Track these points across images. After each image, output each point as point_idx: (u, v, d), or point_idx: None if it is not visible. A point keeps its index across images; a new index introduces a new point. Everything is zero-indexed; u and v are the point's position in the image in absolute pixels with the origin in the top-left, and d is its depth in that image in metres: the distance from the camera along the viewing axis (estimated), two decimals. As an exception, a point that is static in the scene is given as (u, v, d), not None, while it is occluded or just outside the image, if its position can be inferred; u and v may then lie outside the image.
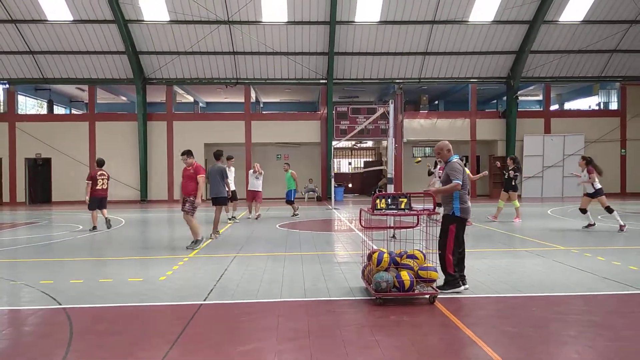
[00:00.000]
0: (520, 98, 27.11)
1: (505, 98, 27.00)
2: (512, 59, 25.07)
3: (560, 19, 23.36)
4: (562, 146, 25.59)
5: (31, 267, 8.17)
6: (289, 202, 16.62)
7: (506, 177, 14.09)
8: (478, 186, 27.10)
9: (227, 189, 11.93)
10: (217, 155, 12.10)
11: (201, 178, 9.72)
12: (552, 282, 6.58)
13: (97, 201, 12.93)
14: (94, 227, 12.64)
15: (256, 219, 15.33)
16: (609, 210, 11.68)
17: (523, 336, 4.51)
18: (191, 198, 9.75)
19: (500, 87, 27.01)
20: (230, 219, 14.57)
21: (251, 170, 15.99)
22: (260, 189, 15.71)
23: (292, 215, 16.05)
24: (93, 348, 4.33)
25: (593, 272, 7.06)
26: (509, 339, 4.45)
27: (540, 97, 30.51)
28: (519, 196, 13.59)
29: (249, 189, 15.93)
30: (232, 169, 14.64)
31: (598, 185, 11.78)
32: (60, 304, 5.67)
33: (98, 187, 12.84)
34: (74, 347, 4.33)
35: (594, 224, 12.06)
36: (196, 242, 9.73)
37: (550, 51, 24.69)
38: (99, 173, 12.94)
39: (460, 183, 5.90)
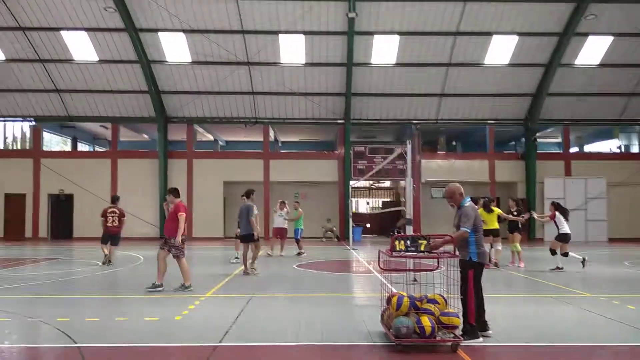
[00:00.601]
0: (539, 140, 26.94)
1: (523, 139, 26.88)
2: (529, 101, 25.09)
3: (576, 63, 23.41)
4: (584, 189, 25.20)
5: (49, 303, 8.17)
6: (297, 240, 16.67)
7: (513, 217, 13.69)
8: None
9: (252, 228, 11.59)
10: (248, 194, 12.02)
11: (182, 216, 9.04)
12: (579, 330, 6.35)
13: (108, 237, 13.12)
14: (108, 261, 12.79)
15: (280, 255, 15.65)
16: (565, 254, 12.24)
17: (551, 388, 4.31)
18: (171, 240, 9.14)
19: (518, 128, 26.92)
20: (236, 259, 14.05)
21: (277, 208, 16.37)
22: (283, 226, 16.19)
23: (298, 254, 15.93)
24: (107, 390, 4.26)
25: (623, 321, 6.79)
26: (536, 391, 4.26)
27: (559, 140, 30.31)
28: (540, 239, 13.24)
29: (275, 226, 16.30)
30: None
31: (564, 230, 12.29)
32: (75, 343, 5.62)
33: (108, 224, 13.02)
34: (88, 388, 4.26)
35: (562, 268, 12.22)
36: (184, 286, 9.14)
37: (567, 94, 24.65)
38: (109, 210, 13.12)
39: (469, 231, 5.78)
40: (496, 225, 12.91)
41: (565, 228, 12.31)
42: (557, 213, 12.48)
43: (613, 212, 24.94)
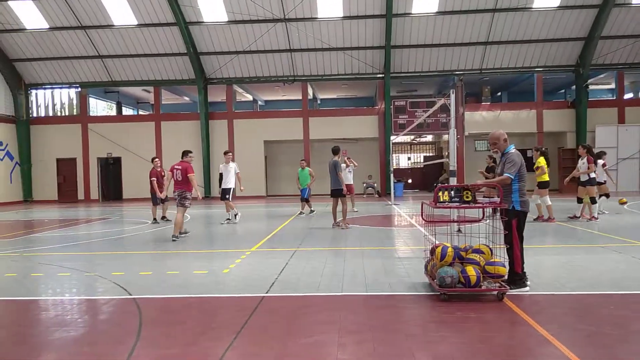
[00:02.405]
0: (591, 87, 25.61)
1: (574, 87, 25.61)
2: (580, 45, 23.74)
3: (633, 1, 21.84)
4: (639, 137, 23.97)
5: (104, 259, 8.57)
6: (306, 200, 16.01)
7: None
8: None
9: (341, 183, 12.12)
10: (335, 151, 12.20)
11: (191, 176, 10.86)
12: (631, 279, 6.15)
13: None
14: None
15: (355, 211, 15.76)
16: (593, 200, 12.24)
17: (601, 335, 4.22)
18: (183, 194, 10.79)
19: (568, 75, 25.63)
20: (227, 220, 13.86)
21: (343, 165, 15.64)
22: (351, 182, 15.96)
23: (309, 213, 15.70)
24: (161, 336, 4.46)
25: (678, 269, 6.53)
26: (586, 338, 4.18)
27: (612, 86, 28.71)
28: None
29: (346, 183, 15.75)
30: (232, 164, 13.72)
31: (593, 175, 12.16)
32: (130, 295, 5.90)
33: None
34: (143, 334, 4.47)
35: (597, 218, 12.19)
36: (174, 236, 10.51)
37: (622, 36, 23.15)
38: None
39: (512, 177, 5.61)
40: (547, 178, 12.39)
41: (593, 173, 12.30)
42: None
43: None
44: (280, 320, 4.83)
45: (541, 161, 11.91)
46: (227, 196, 13.56)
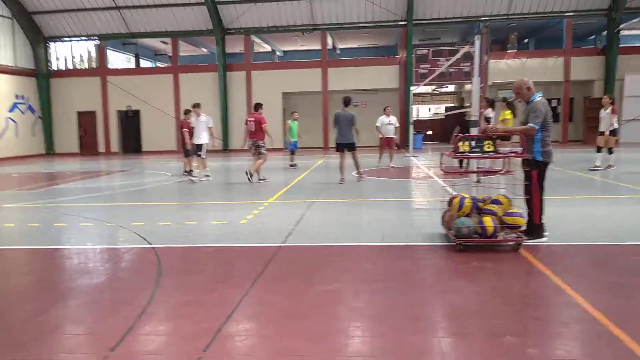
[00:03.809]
0: (623, 32, 24.40)
1: (605, 33, 24.46)
2: (614, -13, 22.49)
3: (675, -62, 20.46)
4: (671, 85, 22.99)
5: (125, 210, 8.74)
6: (293, 152, 15.95)
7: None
8: (570, 131, 25.27)
9: (354, 135, 11.36)
10: (347, 102, 11.60)
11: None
12: (654, 230, 6.02)
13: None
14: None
15: (391, 167, 14.62)
16: (610, 151, 12.30)
17: (619, 285, 4.17)
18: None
19: (600, 20, 24.41)
20: (188, 173, 13.31)
21: (383, 116, 15.12)
22: (392, 135, 15.01)
23: (292, 165, 15.50)
24: (180, 284, 4.56)
25: None
26: (604, 288, 4.14)
27: (646, 31, 27.35)
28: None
29: (387, 135, 14.98)
30: (204, 118, 12.64)
31: (616, 125, 12.29)
32: (150, 244, 6.02)
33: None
34: (163, 282, 4.58)
35: (613, 166, 12.26)
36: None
37: (661, -24, 21.85)
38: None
39: (537, 127, 5.41)
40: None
41: (616, 123, 12.35)
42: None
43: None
44: (296, 270, 4.89)
45: (507, 114, 11.00)
46: (200, 153, 12.63)
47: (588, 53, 24.93)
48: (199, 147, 12.68)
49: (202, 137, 12.59)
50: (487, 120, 11.42)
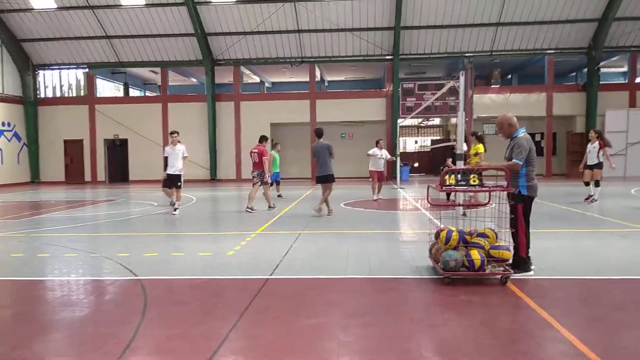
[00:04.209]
0: (602, 70, 25.18)
1: (585, 70, 25.21)
2: (593, 27, 23.29)
3: (649, -19, 21.37)
4: (649, 121, 23.63)
5: (110, 241, 8.63)
6: (278, 182, 16.03)
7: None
8: (554, 165, 25.70)
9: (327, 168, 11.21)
10: (319, 133, 11.56)
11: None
12: (637, 264, 6.10)
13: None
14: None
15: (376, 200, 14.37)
16: (597, 184, 12.67)
17: (605, 320, 4.20)
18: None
19: (580, 58, 25.19)
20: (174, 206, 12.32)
21: (376, 149, 15.03)
22: (382, 169, 15.00)
23: (278, 196, 15.43)
24: (166, 316, 4.50)
25: (686, 255, 6.48)
26: (589, 322, 4.16)
27: (624, 69, 28.23)
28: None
29: (377, 169, 14.79)
30: (180, 147, 12.11)
31: (602, 159, 12.62)
32: (135, 276, 5.94)
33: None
34: (148, 315, 4.51)
35: (596, 199, 12.57)
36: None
37: (637, 18, 22.67)
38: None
39: (520, 163, 5.54)
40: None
41: (602, 157, 12.73)
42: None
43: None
44: (284, 302, 4.85)
45: (479, 147, 11.05)
46: (179, 183, 11.99)
47: (569, 89, 25.64)
48: (177, 177, 11.97)
49: (179, 167, 11.96)
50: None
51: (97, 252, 7.42)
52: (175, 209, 12.01)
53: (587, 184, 12.87)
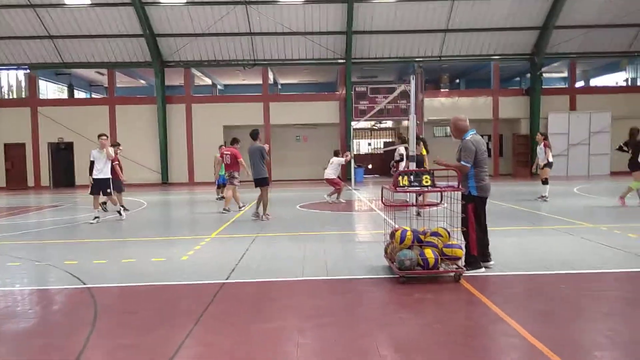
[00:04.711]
0: (545, 75, 26.38)
1: (528, 75, 26.33)
2: (535, 34, 24.36)
3: (586, -8, 22.57)
4: (588, 124, 24.93)
5: (56, 248, 8.26)
6: (220, 186, 15.63)
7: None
8: (501, 165, 26.66)
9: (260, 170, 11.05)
10: (253, 135, 11.30)
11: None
12: (581, 259, 6.41)
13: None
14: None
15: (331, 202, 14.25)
16: (545, 181, 13.32)
17: (554, 313, 4.38)
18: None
19: (524, 64, 26.30)
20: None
21: (342, 158, 15.10)
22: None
23: (221, 198, 15.09)
24: (117, 326, 4.34)
25: (624, 249, 6.85)
26: (540, 316, 4.32)
27: (565, 74, 29.69)
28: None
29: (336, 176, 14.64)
30: (109, 151, 11.33)
31: (551, 159, 13.42)
32: (84, 284, 5.71)
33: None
34: (98, 325, 4.34)
35: (547, 198, 13.16)
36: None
37: (575, 26, 23.89)
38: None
39: (467, 165, 5.74)
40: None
41: (551, 157, 13.52)
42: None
43: (617, 145, 24.77)
44: (240, 307, 4.79)
45: (422, 150, 11.62)
46: (109, 190, 11.35)
47: (514, 93, 26.71)
48: (106, 182, 11.22)
49: (106, 172, 11.25)
50: (400, 156, 12.22)
51: (42, 260, 7.08)
52: (108, 214, 11.91)
53: (544, 182, 13.49)
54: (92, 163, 11.36)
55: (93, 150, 11.44)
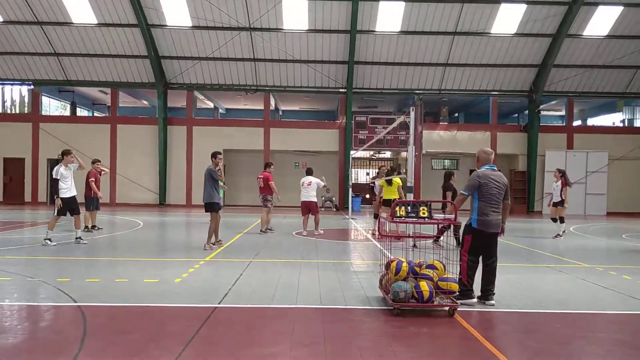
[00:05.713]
0: (543, 112, 26.70)
1: (527, 112, 26.65)
2: (534, 72, 24.76)
3: (584, 33, 23.01)
4: (585, 163, 25.10)
5: (49, 265, 8.21)
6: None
7: None
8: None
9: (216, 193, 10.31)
10: (211, 156, 10.67)
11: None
12: (576, 299, 6.39)
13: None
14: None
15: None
16: (562, 220, 13.08)
17: (547, 352, 4.34)
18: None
19: (522, 100, 26.65)
20: (90, 230, 12.86)
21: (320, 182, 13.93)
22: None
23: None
24: (106, 345, 4.29)
25: (619, 290, 6.84)
26: (532, 354, 4.29)
27: (562, 112, 30.05)
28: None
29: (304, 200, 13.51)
30: (73, 167, 11.12)
31: (564, 197, 13.15)
32: (75, 302, 5.65)
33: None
34: (87, 344, 4.29)
35: (562, 236, 13.00)
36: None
37: (573, 65, 24.32)
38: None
39: (465, 194, 5.88)
40: (393, 197, 11.83)
41: (565, 195, 13.24)
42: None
43: (613, 186, 24.96)
44: (232, 332, 4.74)
45: (397, 180, 12.32)
46: (76, 209, 10.91)
47: (512, 129, 26.97)
48: (72, 201, 10.72)
49: (73, 190, 10.80)
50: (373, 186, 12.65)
51: (34, 277, 7.02)
52: (83, 232, 11.69)
53: (554, 220, 13.38)
54: (55, 181, 10.55)
55: (60, 168, 10.61)
